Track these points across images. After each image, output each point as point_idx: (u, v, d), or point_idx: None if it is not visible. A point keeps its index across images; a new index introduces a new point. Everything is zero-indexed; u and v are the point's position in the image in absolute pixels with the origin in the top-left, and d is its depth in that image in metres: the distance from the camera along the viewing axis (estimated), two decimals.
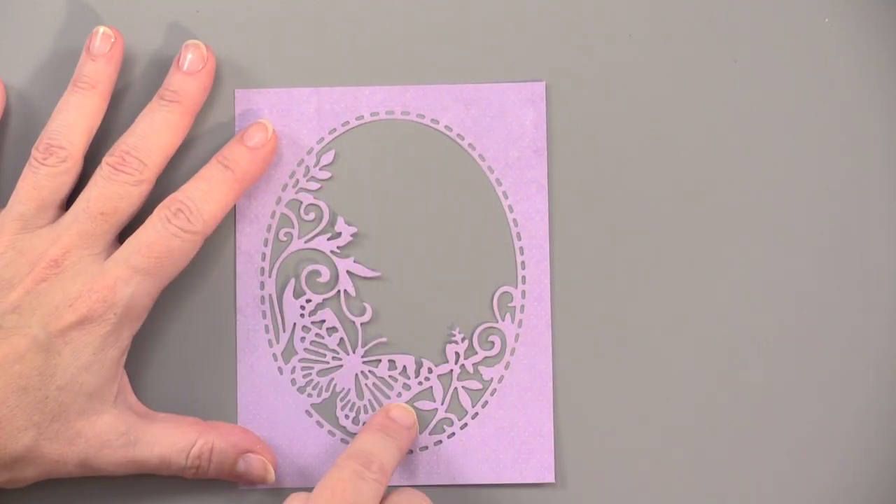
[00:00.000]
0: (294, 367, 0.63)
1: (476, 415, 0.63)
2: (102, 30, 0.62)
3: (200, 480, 0.62)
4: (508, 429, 0.63)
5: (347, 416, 0.63)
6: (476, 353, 0.63)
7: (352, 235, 0.63)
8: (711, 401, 0.63)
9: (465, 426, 0.63)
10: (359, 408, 0.63)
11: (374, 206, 0.63)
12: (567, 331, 0.63)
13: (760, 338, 0.63)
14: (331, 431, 0.63)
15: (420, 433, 0.63)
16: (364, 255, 0.63)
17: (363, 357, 0.63)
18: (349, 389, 0.63)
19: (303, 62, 0.63)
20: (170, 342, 0.63)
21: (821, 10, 0.63)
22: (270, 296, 0.63)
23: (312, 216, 0.63)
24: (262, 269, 0.63)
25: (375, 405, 0.63)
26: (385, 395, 0.63)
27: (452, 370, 0.63)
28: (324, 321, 0.63)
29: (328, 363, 0.63)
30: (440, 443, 0.63)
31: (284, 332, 0.63)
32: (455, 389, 0.63)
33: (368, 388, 0.63)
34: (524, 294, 0.63)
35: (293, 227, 0.63)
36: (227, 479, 0.62)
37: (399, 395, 0.63)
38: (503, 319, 0.63)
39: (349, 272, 0.63)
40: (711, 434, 0.63)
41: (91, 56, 0.61)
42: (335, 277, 0.63)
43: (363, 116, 0.63)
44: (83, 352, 0.58)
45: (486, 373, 0.63)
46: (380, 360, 0.63)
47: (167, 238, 0.59)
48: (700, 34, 0.63)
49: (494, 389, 0.63)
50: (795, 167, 0.63)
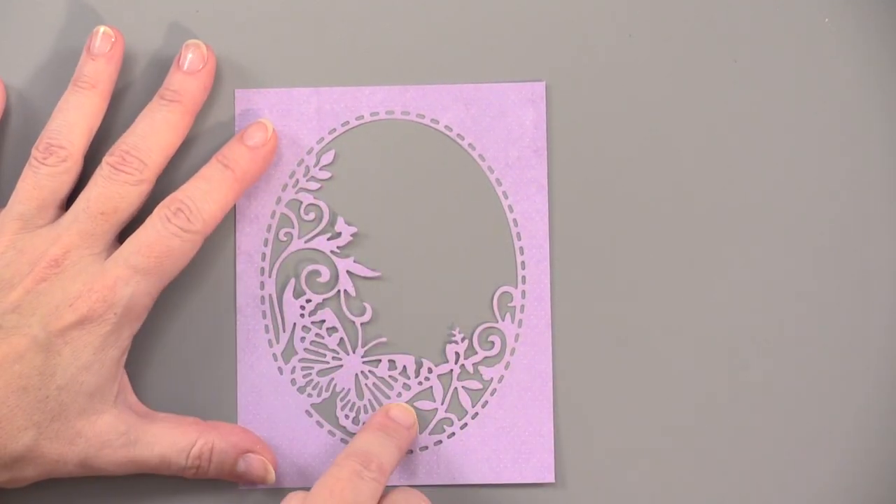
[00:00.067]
0: (294, 367, 0.63)
1: (476, 415, 0.63)
2: (103, 29, 0.62)
3: (200, 480, 0.62)
4: (508, 429, 0.63)
5: (347, 416, 0.63)
6: (476, 353, 0.63)
7: (352, 235, 0.63)
8: (711, 401, 0.63)
9: (465, 426, 0.63)
10: (359, 408, 0.63)
11: (374, 206, 0.63)
12: (567, 331, 0.63)
13: (760, 338, 0.63)
14: (331, 431, 0.63)
15: (420, 433, 0.63)
16: (364, 255, 0.63)
17: (363, 357, 0.63)
18: (349, 389, 0.63)
19: (303, 62, 0.63)
20: (170, 342, 0.63)
21: (821, 10, 0.63)
22: (270, 296, 0.63)
23: (312, 216, 0.63)
24: (262, 269, 0.63)
25: (375, 405, 0.63)
26: (385, 395, 0.63)
27: (452, 370, 0.63)
28: (324, 321, 0.63)
29: (328, 363, 0.63)
30: (440, 443, 0.63)
31: (284, 332, 0.63)
32: (455, 389, 0.63)
33: (368, 388, 0.63)
34: (524, 294, 0.63)
35: (293, 227, 0.63)
36: (227, 479, 0.62)
37: (399, 395, 0.63)
38: (503, 319, 0.63)
39: (349, 272, 0.63)
40: (711, 434, 0.63)
41: (91, 56, 0.61)
42: (335, 277, 0.63)
43: (363, 116, 0.63)
44: (83, 351, 0.58)
45: (486, 373, 0.63)
46: (380, 360, 0.63)
47: (167, 238, 0.59)
48: (700, 34, 0.63)
49: (494, 389, 0.63)
50: (795, 167, 0.63)
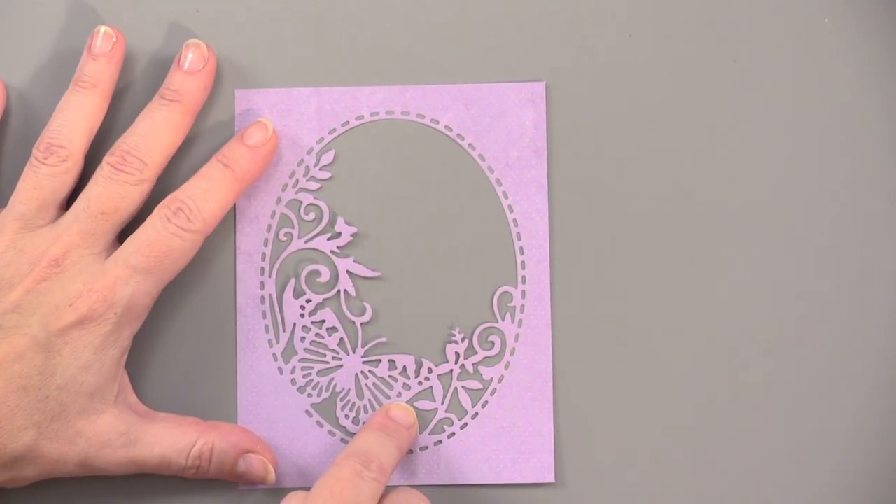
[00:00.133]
0: (294, 367, 0.63)
1: (476, 415, 0.63)
2: (104, 29, 0.62)
3: (200, 480, 0.62)
4: (508, 429, 0.63)
5: (347, 416, 0.63)
6: (476, 353, 0.63)
7: (352, 235, 0.63)
8: (711, 401, 0.63)
9: (465, 426, 0.63)
10: (359, 408, 0.63)
11: (374, 206, 0.63)
12: (567, 331, 0.63)
13: (760, 338, 0.63)
14: (331, 431, 0.63)
15: (420, 433, 0.63)
16: (364, 255, 0.63)
17: (363, 357, 0.63)
18: (349, 389, 0.63)
19: (303, 62, 0.63)
20: (170, 342, 0.63)
21: (821, 10, 0.63)
22: (270, 296, 0.63)
23: (312, 216, 0.63)
24: (262, 269, 0.63)
25: (375, 405, 0.63)
26: (385, 395, 0.63)
27: (452, 370, 0.63)
28: (324, 321, 0.63)
29: (328, 363, 0.63)
30: (440, 443, 0.63)
31: (284, 332, 0.63)
32: (455, 389, 0.63)
33: (368, 388, 0.63)
34: (524, 294, 0.63)
35: (293, 227, 0.63)
36: (228, 479, 0.62)
37: (399, 395, 0.63)
38: (503, 319, 0.63)
39: (349, 272, 0.63)
40: (711, 434, 0.63)
41: (92, 55, 0.61)
42: (335, 277, 0.63)
43: (363, 116, 0.63)
44: (83, 351, 0.58)
45: (486, 373, 0.63)
46: (380, 360, 0.63)
47: (167, 237, 0.59)
48: (700, 34, 0.63)
49: (494, 389, 0.63)
50: (795, 167, 0.63)
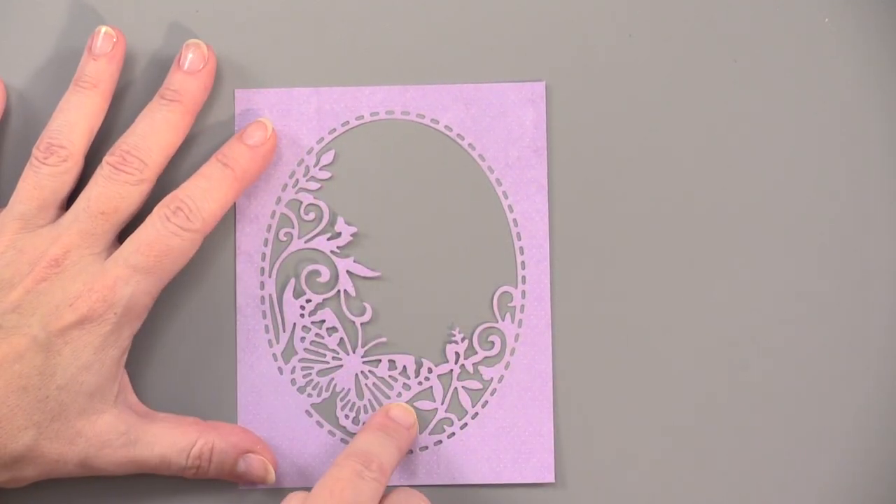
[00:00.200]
0: (294, 367, 0.63)
1: (476, 415, 0.63)
2: (104, 29, 0.62)
3: (200, 480, 0.62)
4: (508, 429, 0.63)
5: (347, 416, 0.63)
6: (476, 353, 0.63)
7: (352, 235, 0.63)
8: (711, 401, 0.63)
9: (465, 426, 0.63)
10: (359, 408, 0.63)
11: (374, 206, 0.63)
12: (567, 331, 0.63)
13: (760, 338, 0.63)
14: (331, 431, 0.63)
15: (420, 433, 0.63)
16: (364, 255, 0.63)
17: (363, 357, 0.63)
18: (349, 389, 0.63)
19: (303, 62, 0.63)
20: (170, 342, 0.63)
21: (821, 10, 0.63)
22: (270, 296, 0.63)
23: (312, 216, 0.63)
24: (262, 269, 0.63)
25: (375, 405, 0.63)
26: (385, 395, 0.63)
27: (452, 370, 0.63)
28: (324, 321, 0.63)
29: (328, 363, 0.63)
30: (440, 443, 0.63)
31: (284, 332, 0.63)
32: (455, 389, 0.63)
33: (368, 388, 0.63)
34: (524, 294, 0.63)
35: (293, 227, 0.63)
36: (227, 479, 0.62)
37: (399, 395, 0.63)
38: (503, 319, 0.63)
39: (349, 272, 0.63)
40: (711, 434, 0.63)
41: (93, 56, 0.61)
42: (335, 277, 0.63)
43: (363, 116, 0.63)
44: (83, 351, 0.58)
45: (486, 373, 0.63)
46: (380, 360, 0.63)
47: (166, 236, 0.59)
48: (700, 34, 0.63)
49: (494, 389, 0.63)
50: (795, 167, 0.63)
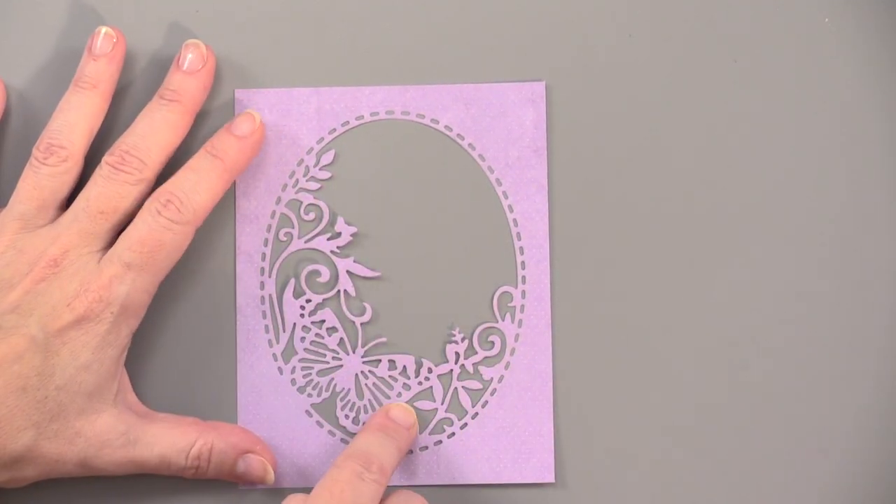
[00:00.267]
0: (294, 367, 0.63)
1: (476, 415, 0.63)
2: (105, 30, 0.62)
3: (200, 480, 0.62)
4: (508, 429, 0.63)
5: (347, 416, 0.63)
6: (476, 353, 0.63)
7: (352, 235, 0.63)
8: (711, 401, 0.63)
9: (465, 426, 0.63)
10: (359, 408, 0.63)
11: (374, 206, 0.63)
12: (567, 331, 0.63)
13: (760, 338, 0.63)
14: (331, 431, 0.63)
15: (420, 433, 0.63)
16: (364, 255, 0.63)
17: (363, 357, 0.63)
18: (349, 389, 0.63)
19: (303, 62, 0.63)
20: (170, 342, 0.63)
21: (821, 10, 0.63)
22: (270, 296, 0.63)
23: (312, 216, 0.63)
24: (262, 269, 0.63)
25: (375, 405, 0.63)
26: (385, 395, 0.63)
27: (452, 370, 0.63)
28: (324, 321, 0.63)
29: (328, 363, 0.63)
30: (440, 443, 0.63)
31: (284, 332, 0.63)
32: (455, 389, 0.63)
33: (368, 388, 0.63)
34: (524, 294, 0.63)
35: (293, 227, 0.63)
36: (227, 480, 0.62)
37: (399, 395, 0.63)
38: (503, 319, 0.63)
39: (349, 272, 0.63)
40: (711, 434, 0.63)
41: (93, 56, 0.61)
42: (335, 277, 0.63)
43: (363, 116, 0.63)
44: (82, 351, 0.58)
45: (486, 373, 0.63)
46: (380, 360, 0.63)
47: (158, 231, 0.59)
48: (700, 34, 0.63)
49: (494, 389, 0.63)
50: (795, 167, 0.63)
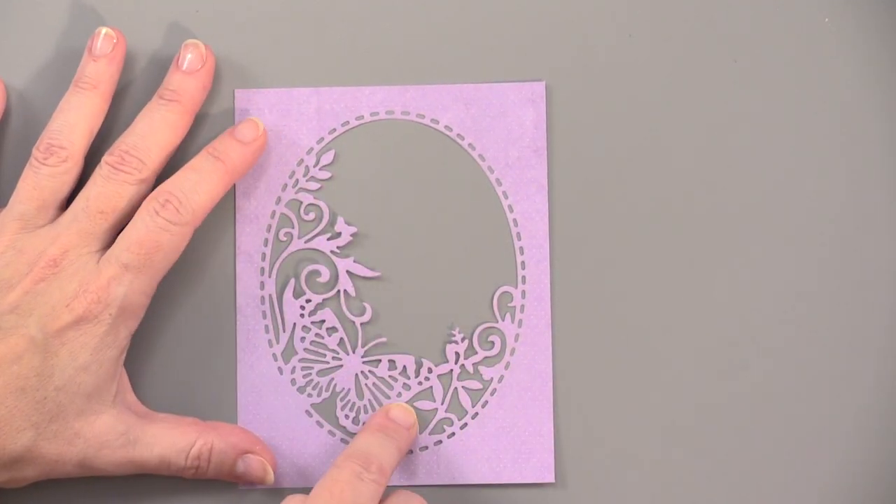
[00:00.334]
0: (294, 367, 0.63)
1: (476, 415, 0.63)
2: (105, 30, 0.62)
3: (200, 480, 0.62)
4: (508, 429, 0.63)
5: (347, 416, 0.63)
6: (476, 353, 0.63)
7: (352, 235, 0.63)
8: (711, 401, 0.63)
9: (465, 426, 0.63)
10: (359, 408, 0.63)
11: (374, 206, 0.63)
12: (567, 331, 0.63)
13: (760, 338, 0.63)
14: (331, 431, 0.63)
15: (420, 433, 0.63)
16: (364, 255, 0.63)
17: (363, 357, 0.63)
18: (349, 389, 0.63)
19: (303, 62, 0.63)
20: (170, 342, 0.63)
21: (821, 10, 0.63)
22: (270, 296, 0.63)
23: (312, 216, 0.63)
24: (262, 269, 0.63)
25: (375, 405, 0.63)
26: (385, 395, 0.63)
27: (452, 370, 0.63)
28: (324, 321, 0.63)
29: (328, 363, 0.63)
30: (440, 443, 0.63)
31: (284, 332, 0.63)
32: (455, 389, 0.63)
33: (368, 388, 0.63)
34: (524, 294, 0.63)
35: (293, 227, 0.63)
36: (227, 480, 0.62)
37: (399, 395, 0.63)
38: (503, 319, 0.63)
39: (349, 272, 0.63)
40: (711, 434, 0.63)
41: (93, 56, 0.61)
42: (335, 277, 0.63)
43: (363, 116, 0.63)
44: (81, 352, 0.58)
45: (486, 373, 0.63)
46: (380, 360, 0.63)
47: (156, 232, 0.59)
48: (700, 34, 0.63)
49: (494, 389, 0.63)
50: (795, 167, 0.63)
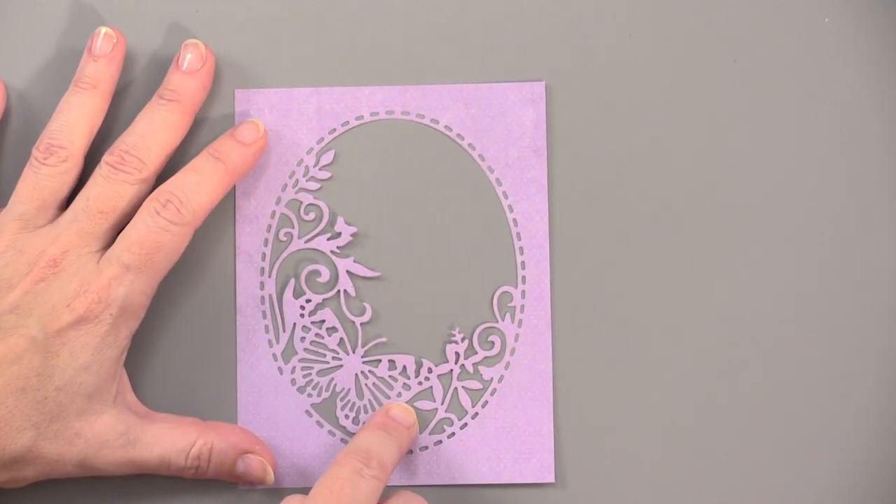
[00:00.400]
0: (294, 367, 0.63)
1: (476, 415, 0.63)
2: (105, 30, 0.62)
3: (200, 480, 0.62)
4: (508, 429, 0.63)
5: (347, 416, 0.63)
6: (476, 353, 0.63)
7: (352, 235, 0.63)
8: (711, 401, 0.63)
9: (465, 426, 0.63)
10: (359, 408, 0.63)
11: (374, 206, 0.63)
12: (567, 331, 0.63)
13: (760, 338, 0.63)
14: (331, 431, 0.63)
15: (420, 433, 0.63)
16: (364, 255, 0.63)
17: (363, 357, 0.63)
18: (349, 389, 0.63)
19: (303, 62, 0.63)
20: (170, 342, 0.63)
21: (821, 10, 0.63)
22: (270, 296, 0.63)
23: (312, 216, 0.63)
24: (262, 269, 0.63)
25: (375, 405, 0.63)
26: (385, 395, 0.63)
27: (452, 370, 0.63)
28: (324, 321, 0.63)
29: (328, 363, 0.63)
30: (440, 443, 0.63)
31: (284, 332, 0.63)
32: (455, 389, 0.63)
33: (368, 388, 0.63)
34: (524, 294, 0.63)
35: (293, 227, 0.63)
36: (227, 480, 0.62)
37: (399, 395, 0.63)
38: (503, 319, 0.63)
39: (349, 272, 0.63)
40: (711, 434, 0.63)
41: (93, 56, 0.61)
42: (335, 277, 0.63)
43: (363, 116, 0.63)
44: (81, 352, 0.58)
45: (486, 373, 0.63)
46: (380, 360, 0.63)
47: (156, 232, 0.59)
48: (700, 34, 0.63)
49: (494, 389, 0.63)
50: (795, 167, 0.63)
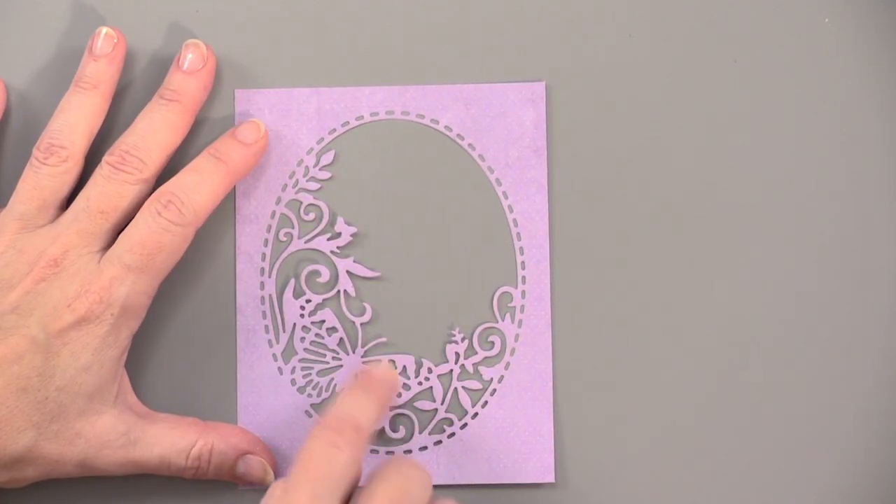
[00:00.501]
0: (294, 367, 0.63)
1: (476, 415, 0.63)
2: (105, 30, 0.62)
3: (200, 481, 0.62)
4: (508, 429, 0.63)
5: None
6: (476, 353, 0.63)
7: (352, 235, 0.63)
8: (711, 401, 0.63)
9: (465, 426, 0.63)
10: None
11: (374, 206, 0.63)
12: (567, 331, 0.63)
13: (760, 338, 0.63)
14: None
15: (420, 433, 0.63)
16: (364, 255, 0.63)
17: (363, 357, 0.63)
18: None
19: (303, 62, 0.63)
20: (170, 342, 0.63)
21: (821, 10, 0.63)
22: (270, 296, 0.63)
23: (312, 216, 0.63)
24: (262, 269, 0.63)
25: None
26: None
27: (452, 370, 0.63)
28: (324, 321, 0.63)
29: (328, 363, 0.63)
30: (440, 443, 0.63)
31: (284, 332, 0.63)
32: (455, 389, 0.63)
33: None
34: (524, 294, 0.63)
35: (293, 228, 0.63)
36: (227, 480, 0.62)
37: (399, 396, 0.63)
38: (503, 319, 0.63)
39: (349, 272, 0.63)
40: (711, 434, 0.63)
41: (93, 56, 0.61)
42: (335, 277, 0.63)
43: (363, 116, 0.63)
44: (82, 352, 0.58)
45: (486, 373, 0.63)
46: (380, 360, 0.63)
47: (158, 233, 0.59)
48: (700, 34, 0.63)
49: (494, 389, 0.63)
50: (795, 167, 0.63)
